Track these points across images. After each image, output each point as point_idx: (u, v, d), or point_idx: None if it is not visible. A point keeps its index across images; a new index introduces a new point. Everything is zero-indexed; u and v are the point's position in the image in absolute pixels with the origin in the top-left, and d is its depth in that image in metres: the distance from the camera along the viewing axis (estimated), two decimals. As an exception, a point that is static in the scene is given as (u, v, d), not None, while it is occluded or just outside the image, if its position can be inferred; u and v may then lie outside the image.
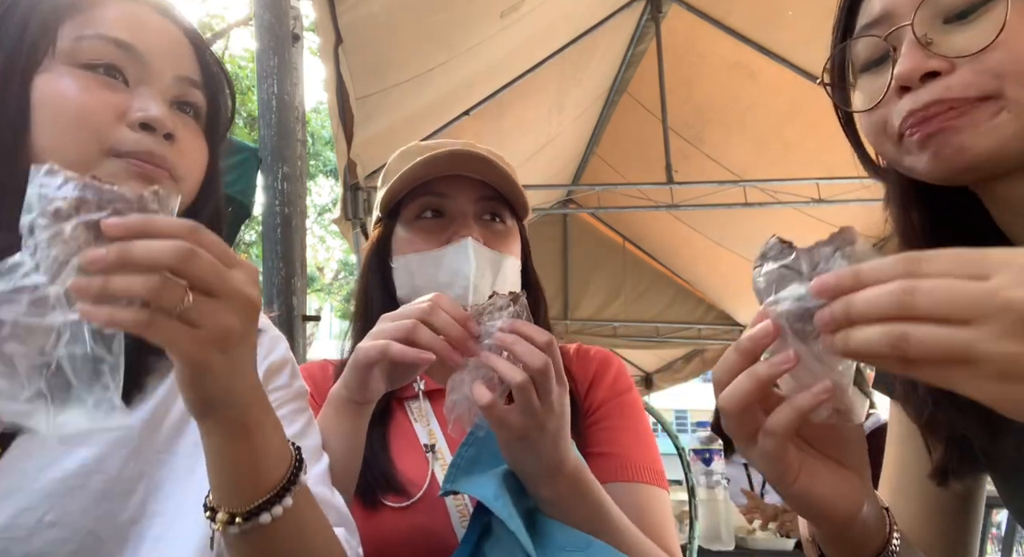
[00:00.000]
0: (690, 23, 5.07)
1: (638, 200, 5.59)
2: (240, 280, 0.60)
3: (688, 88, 5.35)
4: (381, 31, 3.44)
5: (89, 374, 0.57)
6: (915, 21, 0.71)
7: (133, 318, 0.54)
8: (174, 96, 0.83)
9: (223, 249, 0.60)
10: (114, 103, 0.77)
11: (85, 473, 0.73)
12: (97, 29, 0.79)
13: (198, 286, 0.57)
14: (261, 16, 3.51)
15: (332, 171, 15.53)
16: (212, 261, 0.58)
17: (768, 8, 4.55)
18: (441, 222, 1.23)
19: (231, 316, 0.59)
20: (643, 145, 5.90)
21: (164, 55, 0.82)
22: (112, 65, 0.78)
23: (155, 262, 0.54)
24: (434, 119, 4.49)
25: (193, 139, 0.84)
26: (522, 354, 0.89)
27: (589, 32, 4.91)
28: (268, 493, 0.68)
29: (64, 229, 0.55)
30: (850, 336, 0.54)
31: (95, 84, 0.77)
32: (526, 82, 4.79)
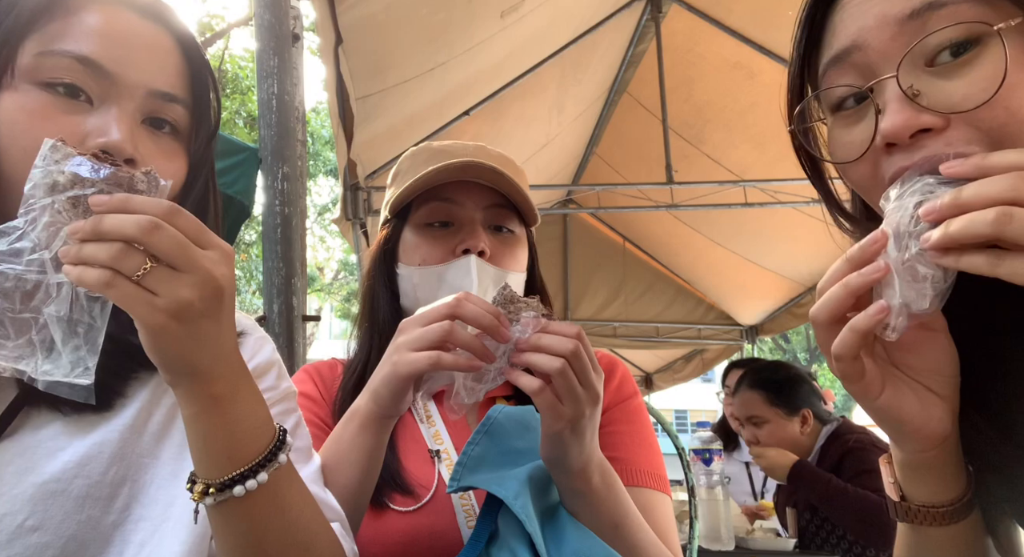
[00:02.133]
0: (690, 23, 5.07)
1: (638, 200, 5.59)
2: (207, 258, 0.65)
3: (688, 88, 5.35)
4: (381, 31, 3.44)
5: (70, 333, 0.64)
6: (900, 72, 0.66)
7: (96, 277, 0.61)
8: (147, 112, 0.79)
9: (197, 230, 0.66)
10: (71, 129, 0.73)
11: (67, 478, 0.73)
12: (61, 44, 0.74)
13: (163, 259, 0.63)
14: (261, 16, 3.52)
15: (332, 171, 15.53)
16: (176, 237, 0.63)
17: (768, 8, 4.55)
18: (449, 231, 1.22)
19: (189, 289, 0.63)
20: (643, 145, 5.90)
21: (139, 68, 0.77)
22: (73, 84, 0.74)
23: (121, 234, 0.62)
24: (434, 119, 4.49)
25: (162, 158, 0.80)
26: (552, 344, 0.89)
27: (589, 32, 4.91)
28: (242, 467, 0.70)
29: (58, 201, 0.63)
30: (952, 222, 0.55)
31: (52, 108, 0.73)
32: (526, 82, 4.79)
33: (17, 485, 0.71)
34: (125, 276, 0.62)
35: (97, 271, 0.62)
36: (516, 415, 1.08)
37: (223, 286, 0.66)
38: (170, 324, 0.63)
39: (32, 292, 0.64)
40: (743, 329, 8.01)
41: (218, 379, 0.68)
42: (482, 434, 1.04)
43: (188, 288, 0.63)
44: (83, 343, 0.65)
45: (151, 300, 0.62)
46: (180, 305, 0.63)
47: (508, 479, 0.98)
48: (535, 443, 1.04)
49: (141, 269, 0.62)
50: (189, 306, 0.63)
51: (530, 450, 1.04)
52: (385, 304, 1.24)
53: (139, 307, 0.63)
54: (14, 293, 0.64)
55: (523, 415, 1.09)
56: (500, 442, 1.04)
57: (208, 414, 0.69)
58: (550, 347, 0.89)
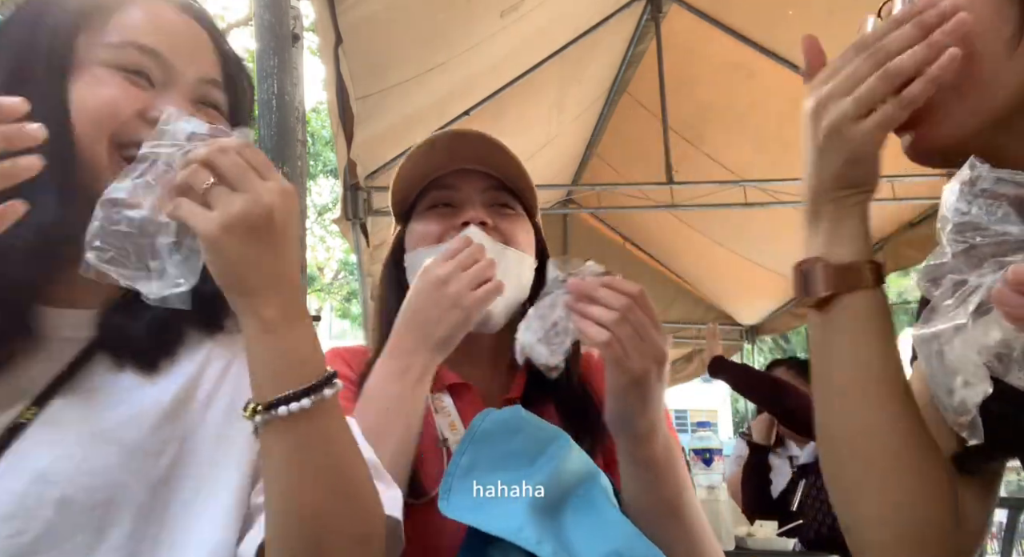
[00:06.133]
0: (690, 23, 5.07)
1: (638, 200, 5.59)
2: (263, 185, 0.73)
3: (688, 88, 5.35)
4: (381, 31, 3.44)
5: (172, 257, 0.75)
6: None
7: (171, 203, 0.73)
8: (198, 97, 0.89)
9: (262, 162, 0.75)
10: (139, 101, 0.83)
11: (120, 429, 0.80)
12: (123, 35, 0.85)
13: (223, 179, 0.72)
14: (261, 16, 3.52)
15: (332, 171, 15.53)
16: (237, 160, 0.73)
17: (768, 8, 4.55)
18: (451, 210, 1.24)
19: (240, 205, 0.72)
20: (643, 145, 5.90)
21: (186, 57, 0.88)
22: (141, 69, 0.85)
23: (196, 156, 0.73)
24: (434, 119, 4.49)
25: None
26: (607, 297, 0.92)
27: (589, 32, 4.90)
28: (288, 390, 0.75)
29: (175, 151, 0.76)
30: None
31: (122, 83, 0.83)
32: (526, 82, 4.79)
33: (75, 431, 0.78)
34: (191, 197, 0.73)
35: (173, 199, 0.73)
36: (502, 420, 1.07)
37: (272, 209, 0.73)
38: (222, 236, 0.71)
39: (148, 226, 0.75)
40: (743, 329, 8.01)
41: (269, 304, 0.75)
42: (468, 443, 1.03)
43: (239, 204, 0.72)
44: (184, 263, 0.75)
45: (207, 213, 0.72)
46: (230, 218, 0.71)
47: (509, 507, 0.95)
48: (525, 446, 1.04)
49: (205, 183, 0.72)
50: (238, 220, 0.71)
51: (521, 453, 1.03)
52: (395, 298, 1.24)
53: (197, 218, 0.72)
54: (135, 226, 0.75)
55: (509, 420, 1.08)
56: (489, 448, 1.03)
57: (260, 336, 0.75)
58: (605, 300, 0.92)
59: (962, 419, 0.63)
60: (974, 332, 0.59)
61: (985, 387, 0.60)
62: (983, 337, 0.58)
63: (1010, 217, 0.57)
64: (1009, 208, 0.57)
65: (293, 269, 0.77)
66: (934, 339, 0.62)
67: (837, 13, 3.77)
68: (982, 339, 0.58)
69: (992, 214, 0.58)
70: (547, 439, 1.07)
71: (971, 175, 0.60)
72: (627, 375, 0.93)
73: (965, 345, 0.60)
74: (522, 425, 1.07)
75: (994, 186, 0.58)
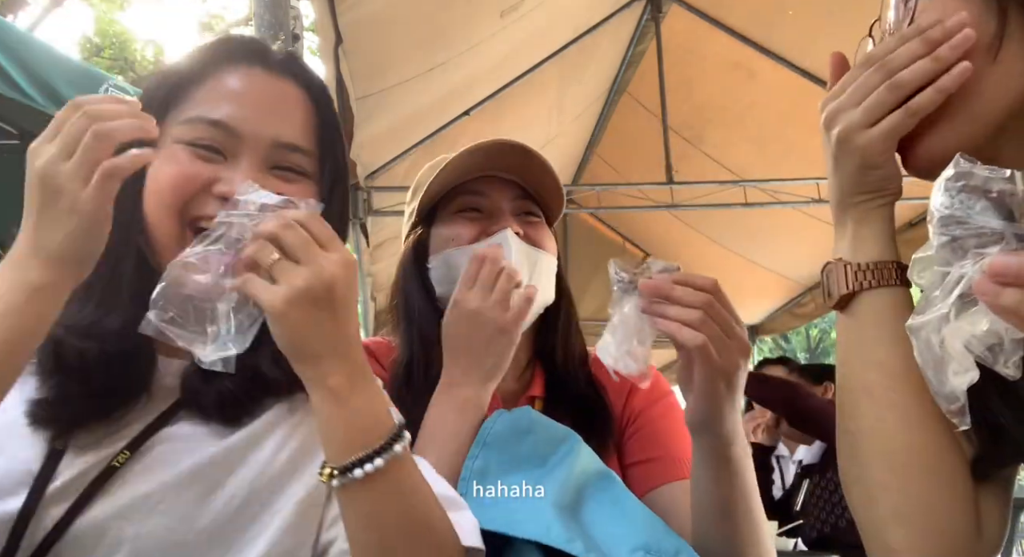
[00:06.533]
0: (690, 23, 5.07)
1: (638, 200, 5.59)
2: (325, 257, 0.76)
3: (688, 88, 5.35)
4: (381, 31, 3.44)
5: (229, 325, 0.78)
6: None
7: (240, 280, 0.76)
8: (272, 162, 0.90)
9: (325, 235, 0.78)
10: (204, 176, 0.87)
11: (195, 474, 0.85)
12: (198, 111, 0.89)
13: (287, 253, 0.75)
14: (261, 16, 3.52)
15: (332, 171, 15.46)
16: (302, 235, 0.76)
17: (768, 8, 4.55)
18: (480, 216, 1.24)
19: (304, 279, 0.74)
20: (643, 145, 5.90)
21: (265, 123, 0.90)
22: (210, 144, 0.88)
23: (264, 231, 0.76)
24: (434, 119, 4.49)
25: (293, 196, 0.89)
26: (684, 296, 0.90)
27: (589, 32, 4.91)
28: (361, 452, 0.77)
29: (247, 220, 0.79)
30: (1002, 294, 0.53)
31: (192, 159, 0.87)
32: (526, 82, 4.79)
33: (158, 476, 0.83)
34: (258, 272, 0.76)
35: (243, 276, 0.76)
36: (513, 422, 1.08)
37: (335, 282, 0.75)
38: (286, 309, 0.74)
39: (211, 292, 0.78)
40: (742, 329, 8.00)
41: (334, 371, 0.77)
42: (480, 446, 1.04)
43: (303, 278, 0.74)
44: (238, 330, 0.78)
45: (273, 288, 0.75)
46: (294, 291, 0.74)
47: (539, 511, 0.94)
48: (536, 447, 1.04)
49: (271, 258, 0.75)
50: (302, 294, 0.74)
51: (532, 454, 1.04)
52: (420, 301, 1.26)
53: (263, 294, 0.75)
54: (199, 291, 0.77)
55: (519, 422, 1.08)
56: (500, 451, 1.03)
57: (327, 402, 0.77)
58: (684, 298, 0.90)
59: (953, 406, 0.65)
60: (962, 322, 0.61)
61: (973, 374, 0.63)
62: (972, 327, 0.60)
63: (989, 211, 0.60)
64: (988, 202, 0.60)
65: (355, 335, 0.80)
66: (922, 328, 0.64)
67: (837, 14, 3.77)
68: (971, 329, 0.60)
69: (971, 208, 0.60)
70: (558, 439, 1.07)
71: (954, 171, 0.62)
72: (718, 373, 0.92)
73: (953, 335, 0.62)
74: (532, 426, 1.07)
75: (974, 181, 0.61)
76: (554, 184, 1.26)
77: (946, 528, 0.78)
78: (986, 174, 0.60)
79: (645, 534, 0.95)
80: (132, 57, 14.73)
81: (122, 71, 13.71)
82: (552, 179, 1.25)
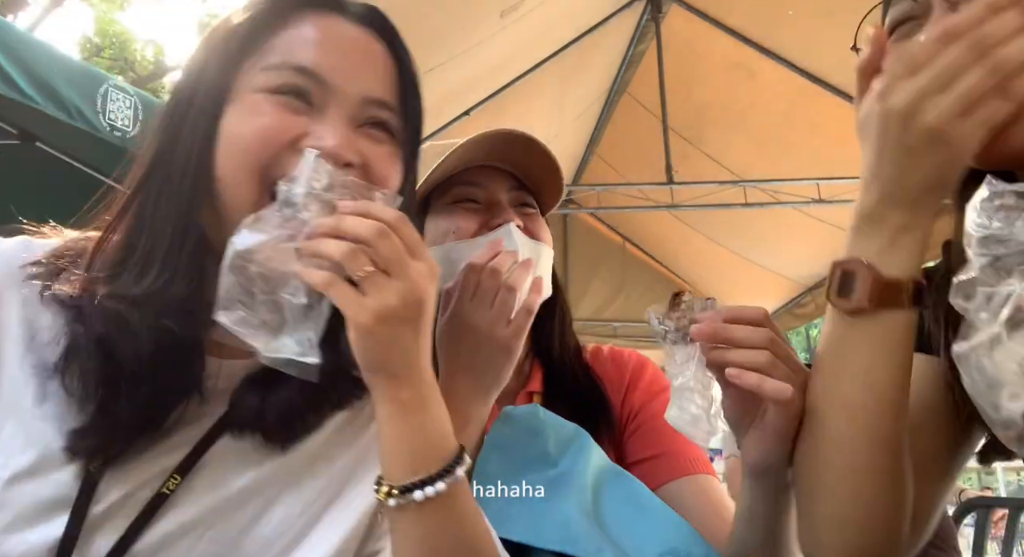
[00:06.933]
0: (690, 23, 5.07)
1: (638, 200, 5.59)
2: (417, 270, 0.71)
3: (688, 88, 5.36)
4: (381, 31, 3.44)
5: (302, 318, 0.71)
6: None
7: (321, 277, 0.69)
8: (360, 118, 0.81)
9: (415, 242, 0.72)
10: (293, 128, 0.77)
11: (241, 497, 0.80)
12: (282, 57, 0.78)
13: (380, 263, 0.69)
14: (261, 16, 3.51)
15: (332, 171, 15.47)
16: (398, 246, 0.70)
17: (768, 8, 4.55)
18: (479, 207, 1.20)
19: (397, 295, 0.69)
20: (643, 145, 5.90)
21: (350, 73, 0.80)
22: (294, 88, 0.78)
23: (355, 234, 0.69)
24: (433, 119, 4.49)
25: (384, 160, 0.83)
26: (747, 334, 0.82)
27: (589, 32, 4.91)
28: (423, 474, 0.73)
29: (312, 202, 0.71)
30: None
31: (276, 109, 0.77)
32: (526, 82, 4.79)
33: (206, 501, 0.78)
34: (344, 278, 0.69)
35: (322, 272, 0.69)
36: (522, 422, 1.04)
37: (425, 298, 0.71)
38: (375, 326, 0.69)
39: (275, 278, 0.71)
40: (743, 329, 8.01)
41: (408, 386, 0.74)
42: (490, 449, 1.01)
43: (396, 294, 0.69)
44: (313, 328, 0.72)
45: (362, 301, 0.69)
46: (386, 309, 0.69)
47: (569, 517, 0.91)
48: (546, 448, 1.01)
49: (363, 270, 0.69)
50: (394, 311, 0.69)
51: (543, 455, 1.01)
52: None
53: (351, 306, 0.69)
54: (261, 278, 0.71)
55: (529, 421, 1.05)
56: (511, 453, 1.00)
57: (396, 418, 0.74)
58: (744, 340, 0.82)
59: (1010, 433, 0.61)
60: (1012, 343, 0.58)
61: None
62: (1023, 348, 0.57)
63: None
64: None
65: (428, 353, 0.76)
66: (972, 352, 0.61)
67: (837, 14, 3.77)
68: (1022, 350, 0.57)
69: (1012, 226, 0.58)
70: (568, 438, 1.05)
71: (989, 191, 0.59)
72: (791, 414, 0.83)
73: (1005, 356, 0.58)
74: (542, 426, 1.05)
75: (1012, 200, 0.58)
76: (554, 175, 1.23)
77: (883, 528, 0.78)
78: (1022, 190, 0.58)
79: (674, 538, 0.92)
80: (132, 57, 14.74)
81: (122, 71, 13.71)
82: (552, 170, 1.22)
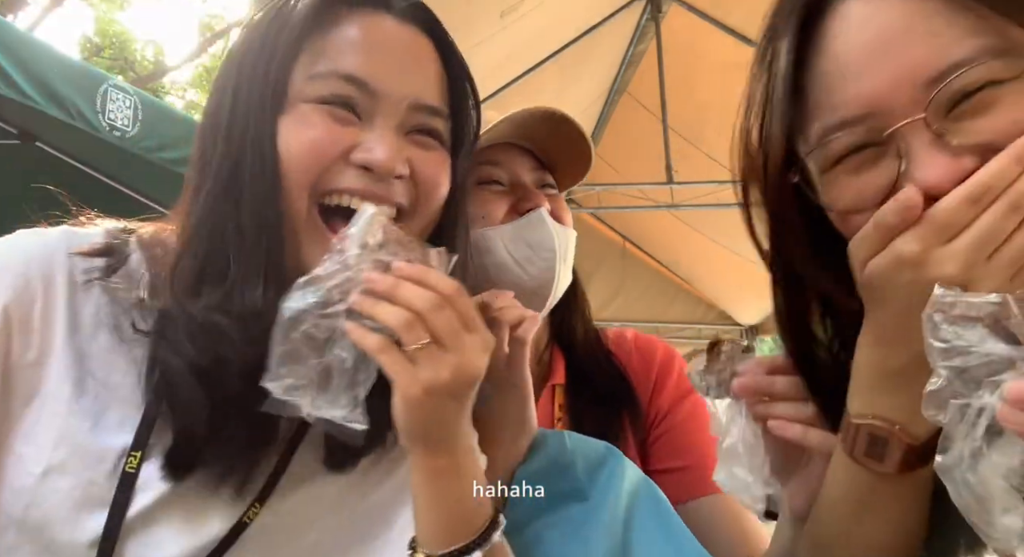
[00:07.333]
0: (690, 23, 5.07)
1: (638, 200, 5.60)
2: (471, 345, 0.69)
3: (688, 88, 5.35)
4: (381, 31, 3.45)
5: (348, 379, 0.70)
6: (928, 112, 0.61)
7: (375, 343, 0.68)
8: (412, 125, 0.80)
9: (469, 314, 0.71)
10: (343, 141, 0.76)
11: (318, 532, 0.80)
12: (329, 65, 0.77)
13: (436, 337, 0.68)
14: (261, 16, 3.51)
15: (332, 171, 15.49)
16: (453, 320, 0.68)
17: (768, 8, 4.55)
18: (504, 190, 1.13)
19: (449, 371, 0.68)
20: (643, 145, 5.90)
21: (396, 78, 0.78)
22: (342, 99, 0.76)
23: (410, 303, 0.67)
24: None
25: (433, 167, 0.81)
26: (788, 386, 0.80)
27: (589, 32, 4.91)
28: (460, 542, 0.72)
29: (366, 261, 0.70)
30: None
31: (326, 121, 0.76)
32: (526, 82, 4.79)
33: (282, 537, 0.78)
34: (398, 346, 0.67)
35: (377, 337, 0.68)
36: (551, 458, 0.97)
37: (477, 376, 0.70)
38: (423, 397, 0.68)
39: (324, 338, 0.70)
40: (743, 329, 8.01)
41: (445, 454, 0.73)
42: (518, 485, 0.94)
43: (448, 369, 0.68)
44: (361, 389, 0.70)
45: (414, 372, 0.67)
46: (437, 383, 0.68)
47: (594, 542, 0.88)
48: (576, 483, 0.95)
49: (419, 342, 0.67)
50: (445, 386, 0.68)
51: (572, 491, 0.94)
52: None
53: (403, 377, 0.68)
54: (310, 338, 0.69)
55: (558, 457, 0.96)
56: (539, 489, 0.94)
57: (431, 485, 0.73)
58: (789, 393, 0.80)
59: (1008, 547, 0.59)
60: (995, 456, 0.57)
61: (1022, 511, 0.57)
62: (1007, 459, 0.56)
63: (987, 337, 0.57)
64: (984, 329, 0.57)
65: (469, 418, 0.75)
66: (955, 468, 0.59)
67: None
68: (1006, 461, 0.56)
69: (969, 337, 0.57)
70: (597, 463, 0.97)
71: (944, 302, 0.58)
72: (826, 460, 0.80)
73: (989, 471, 0.57)
74: (572, 460, 0.96)
75: (960, 310, 0.57)
76: (579, 152, 1.16)
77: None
78: (973, 301, 0.57)
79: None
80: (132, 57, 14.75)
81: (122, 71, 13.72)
82: (577, 146, 1.16)
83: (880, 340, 0.69)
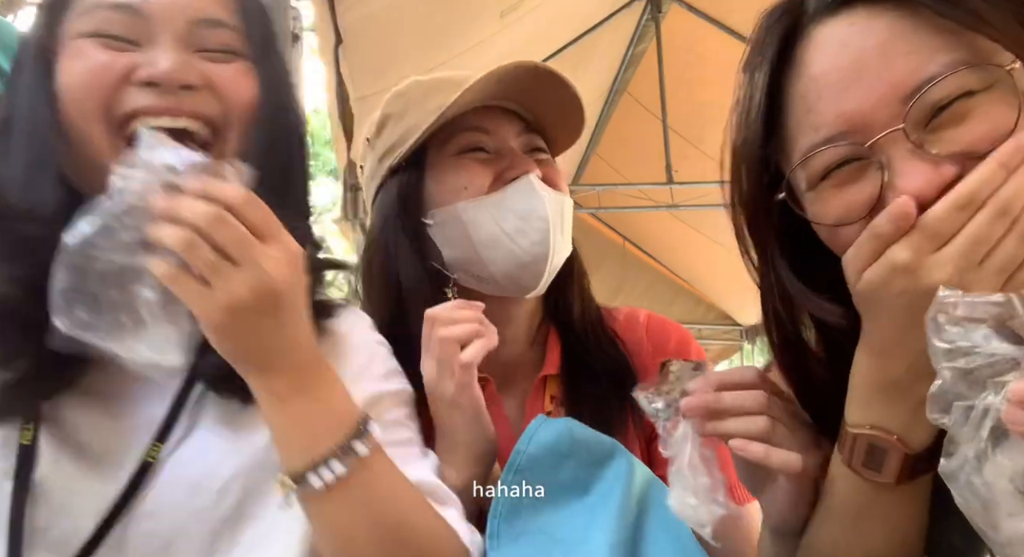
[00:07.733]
0: (690, 23, 5.07)
1: (638, 200, 5.60)
2: (267, 256, 0.64)
3: (688, 88, 5.35)
4: (381, 31, 3.44)
5: (159, 315, 0.65)
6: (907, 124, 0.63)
7: (163, 270, 0.63)
8: (195, 44, 0.77)
9: (264, 224, 0.65)
10: (118, 63, 0.74)
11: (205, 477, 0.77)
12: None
13: (221, 252, 0.63)
14: (261, 16, 3.51)
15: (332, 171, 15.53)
16: (238, 232, 0.63)
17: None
18: (489, 157, 1.06)
19: (244, 287, 0.63)
20: (643, 145, 5.90)
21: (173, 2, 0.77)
22: (117, 32, 0.75)
23: (188, 220, 0.62)
24: (434, 119, 4.48)
25: (230, 79, 0.79)
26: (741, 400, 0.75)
27: (589, 32, 4.90)
28: (316, 459, 0.69)
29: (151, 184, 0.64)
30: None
31: (100, 50, 0.74)
32: (526, 82, 4.78)
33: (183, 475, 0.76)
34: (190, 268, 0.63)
35: (164, 264, 0.63)
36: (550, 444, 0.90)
37: (279, 288, 0.65)
38: (228, 320, 0.64)
39: (123, 273, 0.64)
40: (743, 329, 8.01)
41: (279, 376, 0.69)
42: (513, 474, 0.88)
43: (243, 286, 0.63)
44: (175, 324, 0.66)
45: (209, 295, 0.63)
46: (235, 303, 0.63)
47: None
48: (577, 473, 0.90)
49: (203, 260, 0.62)
50: (244, 305, 0.64)
51: (573, 483, 0.90)
52: (411, 266, 1.04)
53: (198, 303, 0.64)
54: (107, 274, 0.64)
55: (559, 443, 0.91)
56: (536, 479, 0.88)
57: (274, 408, 0.70)
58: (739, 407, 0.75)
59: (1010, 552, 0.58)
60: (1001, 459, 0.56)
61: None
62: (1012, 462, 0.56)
63: (992, 337, 0.56)
64: (988, 329, 0.56)
65: (303, 335, 0.71)
66: (960, 471, 0.58)
67: (837, 13, 3.76)
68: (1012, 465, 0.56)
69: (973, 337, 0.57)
70: (601, 459, 0.92)
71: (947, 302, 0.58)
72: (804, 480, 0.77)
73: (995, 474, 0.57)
74: (573, 448, 0.91)
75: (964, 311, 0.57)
76: (569, 109, 1.10)
77: None
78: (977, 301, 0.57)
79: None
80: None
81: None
82: (567, 103, 1.09)
83: (877, 350, 0.69)
